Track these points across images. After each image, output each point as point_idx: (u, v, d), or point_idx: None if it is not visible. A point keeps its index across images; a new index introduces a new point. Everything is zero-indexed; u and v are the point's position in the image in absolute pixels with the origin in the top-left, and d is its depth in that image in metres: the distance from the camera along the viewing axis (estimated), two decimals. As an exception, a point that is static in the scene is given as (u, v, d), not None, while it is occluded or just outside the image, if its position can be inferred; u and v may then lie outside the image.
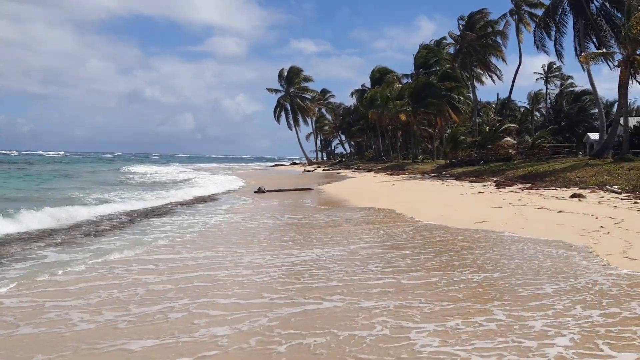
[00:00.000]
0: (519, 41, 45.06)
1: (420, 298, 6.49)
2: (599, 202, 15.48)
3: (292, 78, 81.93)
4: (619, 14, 32.06)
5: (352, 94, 79.99)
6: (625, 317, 5.62)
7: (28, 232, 11.48)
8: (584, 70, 33.76)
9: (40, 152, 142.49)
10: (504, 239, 10.62)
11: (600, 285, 6.91)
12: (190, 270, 8.10)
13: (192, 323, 5.64)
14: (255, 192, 24.81)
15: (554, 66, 60.14)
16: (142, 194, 22.05)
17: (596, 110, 43.26)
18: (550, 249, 9.33)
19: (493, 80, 49.33)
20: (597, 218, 12.25)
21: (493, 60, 46.93)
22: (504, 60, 46.61)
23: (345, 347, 4.94)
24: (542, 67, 62.04)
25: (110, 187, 27.56)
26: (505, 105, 54.24)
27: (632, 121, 36.58)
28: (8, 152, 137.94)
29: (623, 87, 28.72)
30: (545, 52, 37.79)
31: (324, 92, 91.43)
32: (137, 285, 7.21)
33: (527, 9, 43.84)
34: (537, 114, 63.87)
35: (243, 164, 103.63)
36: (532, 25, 41.23)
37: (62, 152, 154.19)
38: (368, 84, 73.24)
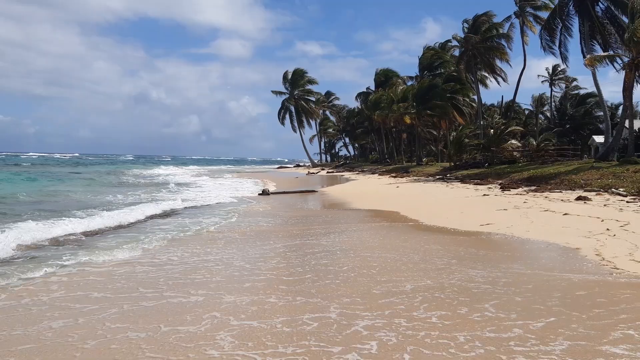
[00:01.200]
0: (523, 43, 45.03)
1: (278, 293, 6.70)
2: (605, 205, 15.43)
3: (296, 80, 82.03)
4: (624, 17, 31.96)
5: (356, 97, 80.00)
6: (467, 320, 5.58)
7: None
8: (589, 71, 33.65)
9: (57, 155, 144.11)
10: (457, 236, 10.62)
11: (466, 282, 7.08)
12: (99, 266, 8.40)
13: (44, 316, 5.83)
14: (259, 194, 25.05)
15: (559, 69, 60.05)
16: (188, 195, 23.60)
17: (601, 113, 43.08)
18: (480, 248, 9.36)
19: (498, 83, 49.32)
20: (602, 221, 12.23)
21: (497, 62, 46.89)
22: (508, 62, 46.54)
23: (142, 344, 5.00)
24: (546, 69, 62.01)
25: (162, 187, 29.63)
26: (509, 108, 54.12)
27: (638, 124, 36.42)
28: (25, 153, 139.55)
29: (628, 90, 28.65)
30: (553, 53, 37.56)
31: (328, 94, 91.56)
32: (41, 278, 7.55)
33: (531, 11, 43.81)
34: (542, 116, 63.68)
35: (256, 166, 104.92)
36: (537, 27, 41.17)
37: (77, 154, 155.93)
38: (372, 86, 73.28)
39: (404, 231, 12.45)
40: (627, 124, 30.49)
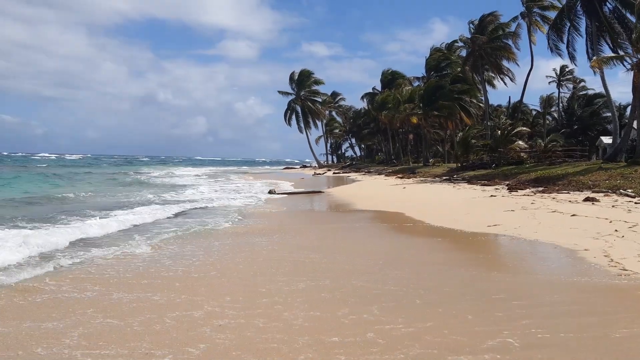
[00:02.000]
0: (530, 44, 44.73)
1: (167, 291, 6.76)
2: (613, 206, 15.33)
3: (303, 81, 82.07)
4: (632, 17, 31.74)
5: (362, 97, 79.94)
6: (333, 322, 5.47)
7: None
8: (595, 73, 33.46)
9: (68, 155, 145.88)
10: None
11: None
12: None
13: None
14: (268, 193, 25.40)
15: (567, 69, 59.73)
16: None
17: (609, 114, 42.83)
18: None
19: (505, 83, 49.06)
20: (611, 222, 12.14)
21: (505, 63, 46.68)
22: (515, 62, 46.31)
23: None
24: (553, 70, 61.68)
25: (183, 189, 29.75)
26: (517, 109, 53.87)
27: (646, 124, 36.13)
28: (38, 154, 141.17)
29: (637, 90, 28.42)
30: (559, 54, 37.40)
31: (335, 95, 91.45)
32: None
33: (538, 11, 43.56)
34: (550, 117, 63.36)
35: (267, 167, 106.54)
36: (546, 27, 40.96)
37: (89, 155, 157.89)
38: (379, 87, 73.19)
39: (377, 232, 12.67)
40: (635, 124, 30.29)
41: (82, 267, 8.19)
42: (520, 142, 40.93)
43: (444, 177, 35.96)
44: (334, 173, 62.14)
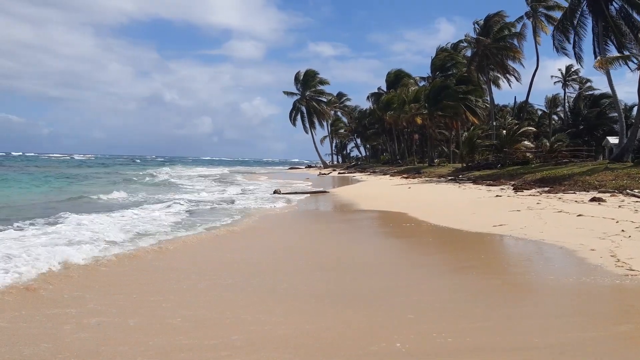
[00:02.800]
0: (536, 44, 44.63)
1: (58, 286, 6.68)
2: (619, 206, 15.27)
3: (308, 81, 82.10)
4: (639, 17, 31.57)
5: (368, 97, 79.84)
6: (212, 322, 5.33)
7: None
8: (602, 73, 33.27)
9: (77, 156, 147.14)
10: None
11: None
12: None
13: None
14: (271, 193, 25.37)
15: (572, 69, 59.53)
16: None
17: (615, 114, 42.62)
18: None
19: (510, 84, 48.95)
20: (617, 222, 12.09)
21: (510, 63, 46.53)
22: (521, 63, 46.21)
23: None
24: (559, 70, 61.48)
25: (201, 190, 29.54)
26: (522, 109, 53.69)
27: (653, 125, 35.85)
28: (47, 154, 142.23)
29: (643, 90, 28.28)
30: (566, 54, 37.15)
31: (340, 95, 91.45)
32: None
33: (544, 11, 43.42)
34: (555, 117, 63.12)
35: (275, 167, 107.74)
36: (550, 27, 40.83)
37: (99, 155, 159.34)
38: (384, 87, 73.14)
39: (368, 233, 12.98)
40: (642, 124, 30.12)
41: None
42: (526, 142, 40.81)
43: (449, 177, 35.89)
44: (339, 173, 62.15)
